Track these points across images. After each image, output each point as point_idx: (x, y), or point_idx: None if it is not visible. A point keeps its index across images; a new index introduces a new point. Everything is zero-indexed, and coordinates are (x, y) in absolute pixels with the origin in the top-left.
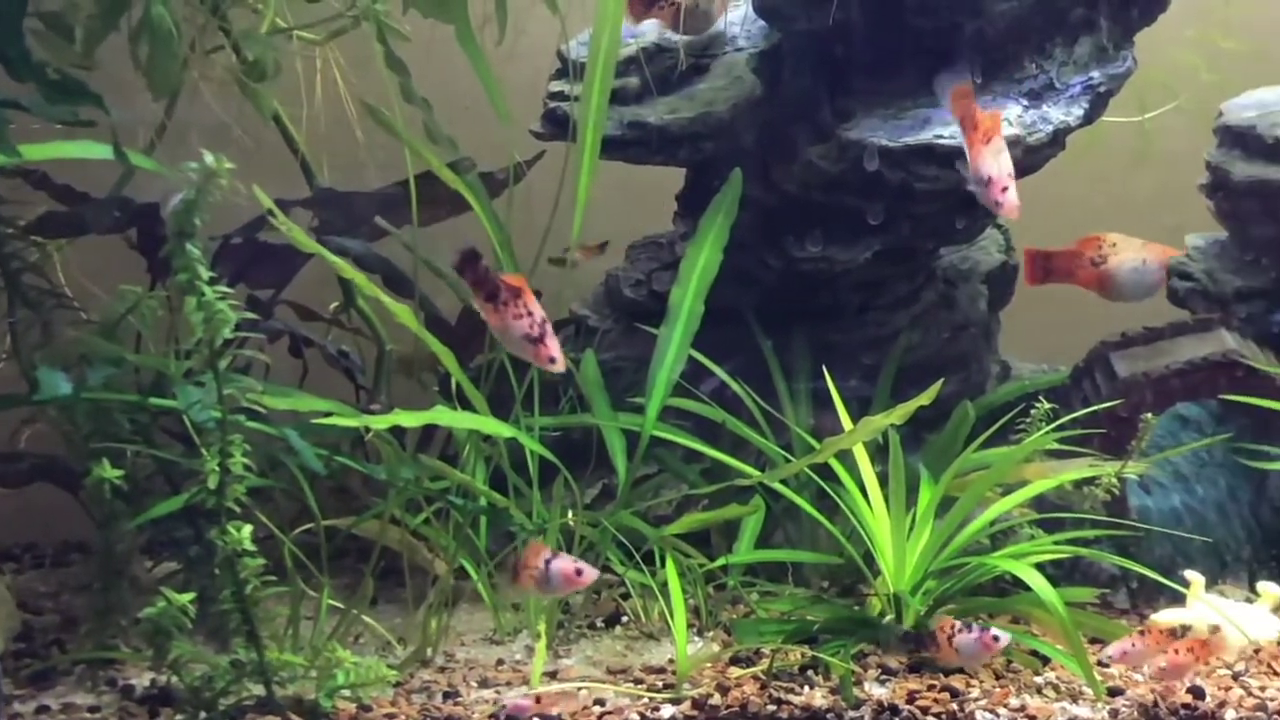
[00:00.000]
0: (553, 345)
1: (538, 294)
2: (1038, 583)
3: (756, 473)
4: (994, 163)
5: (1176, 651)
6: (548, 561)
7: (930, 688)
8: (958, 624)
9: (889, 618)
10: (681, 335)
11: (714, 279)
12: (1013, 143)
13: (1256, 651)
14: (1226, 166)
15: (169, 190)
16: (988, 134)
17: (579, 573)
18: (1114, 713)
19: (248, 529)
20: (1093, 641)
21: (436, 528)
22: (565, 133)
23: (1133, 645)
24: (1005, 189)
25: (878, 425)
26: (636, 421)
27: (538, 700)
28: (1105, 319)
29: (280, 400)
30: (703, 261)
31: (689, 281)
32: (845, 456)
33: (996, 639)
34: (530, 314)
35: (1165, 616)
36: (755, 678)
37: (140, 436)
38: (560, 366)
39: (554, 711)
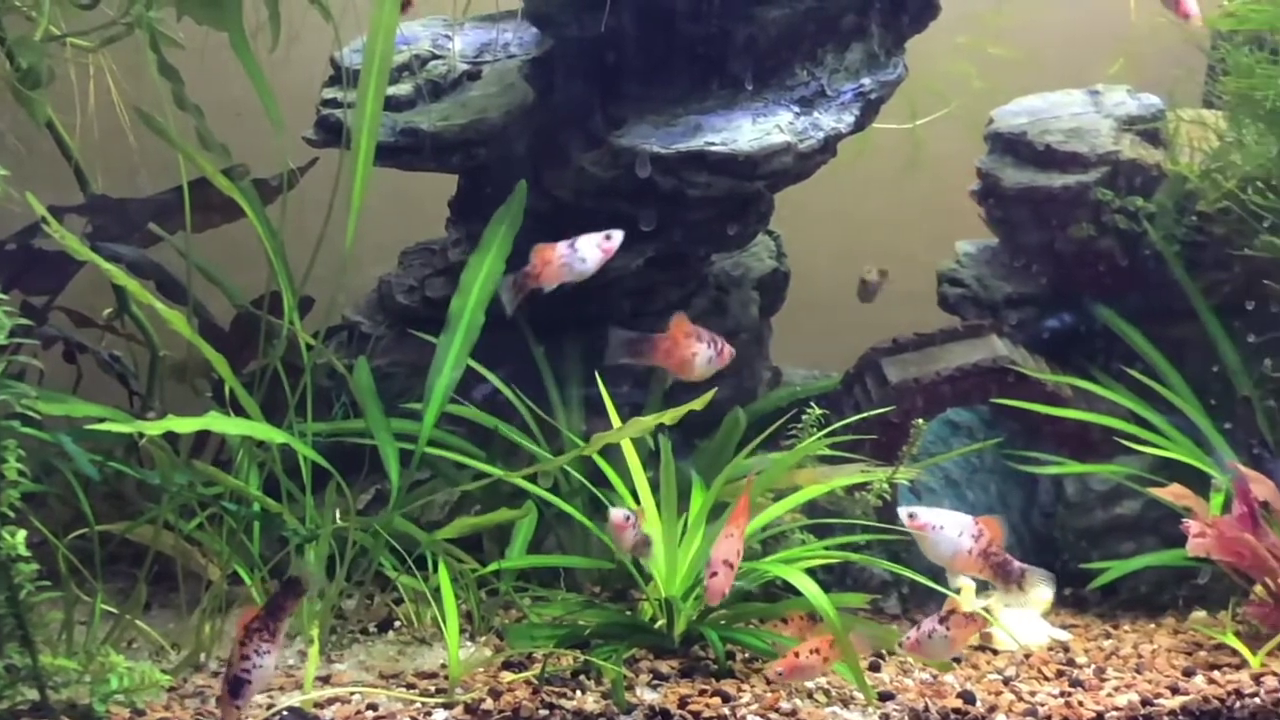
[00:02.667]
0: None
1: (310, 300)
2: (809, 588)
3: (525, 482)
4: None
5: (797, 655)
6: None
7: (702, 692)
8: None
9: (660, 623)
10: (460, 344)
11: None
12: (784, 150)
13: (1027, 656)
14: (997, 173)
15: None
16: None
17: None
18: (884, 717)
19: (21, 534)
20: None
21: (210, 533)
22: (339, 139)
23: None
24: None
25: (646, 424)
26: (412, 428)
27: None
28: (876, 326)
29: (54, 406)
30: (485, 271)
31: (470, 291)
32: (618, 463)
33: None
34: None
35: None
36: (527, 682)
37: None
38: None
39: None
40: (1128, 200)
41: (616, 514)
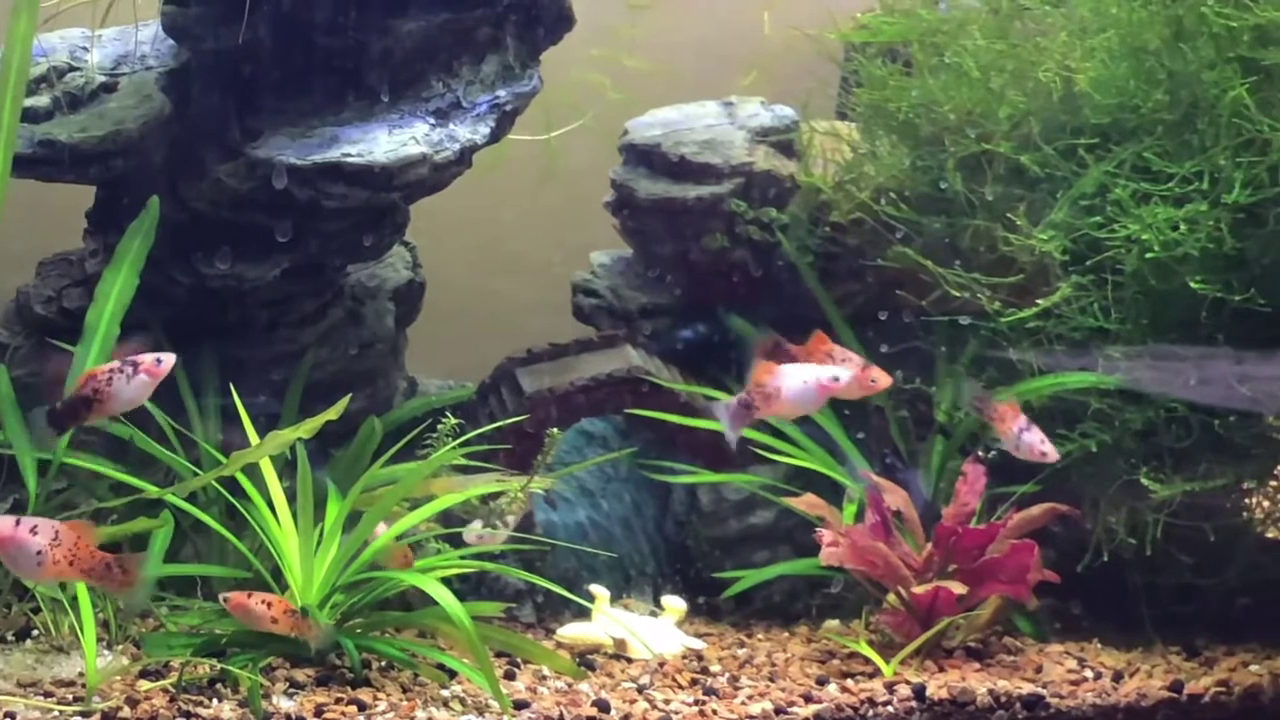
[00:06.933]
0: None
1: None
2: (443, 597)
3: (155, 489)
4: None
5: None
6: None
7: (338, 700)
8: None
9: (298, 634)
10: (97, 355)
11: (130, 301)
12: (419, 161)
13: (662, 665)
14: (632, 184)
15: None
16: None
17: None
18: None
19: None
20: (499, 655)
21: None
22: None
23: None
24: None
25: (284, 439)
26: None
27: None
28: (511, 336)
29: None
30: (119, 285)
31: (105, 304)
32: (254, 472)
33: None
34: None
35: (570, 631)
36: (164, 690)
37: None
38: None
39: None
40: (761, 211)
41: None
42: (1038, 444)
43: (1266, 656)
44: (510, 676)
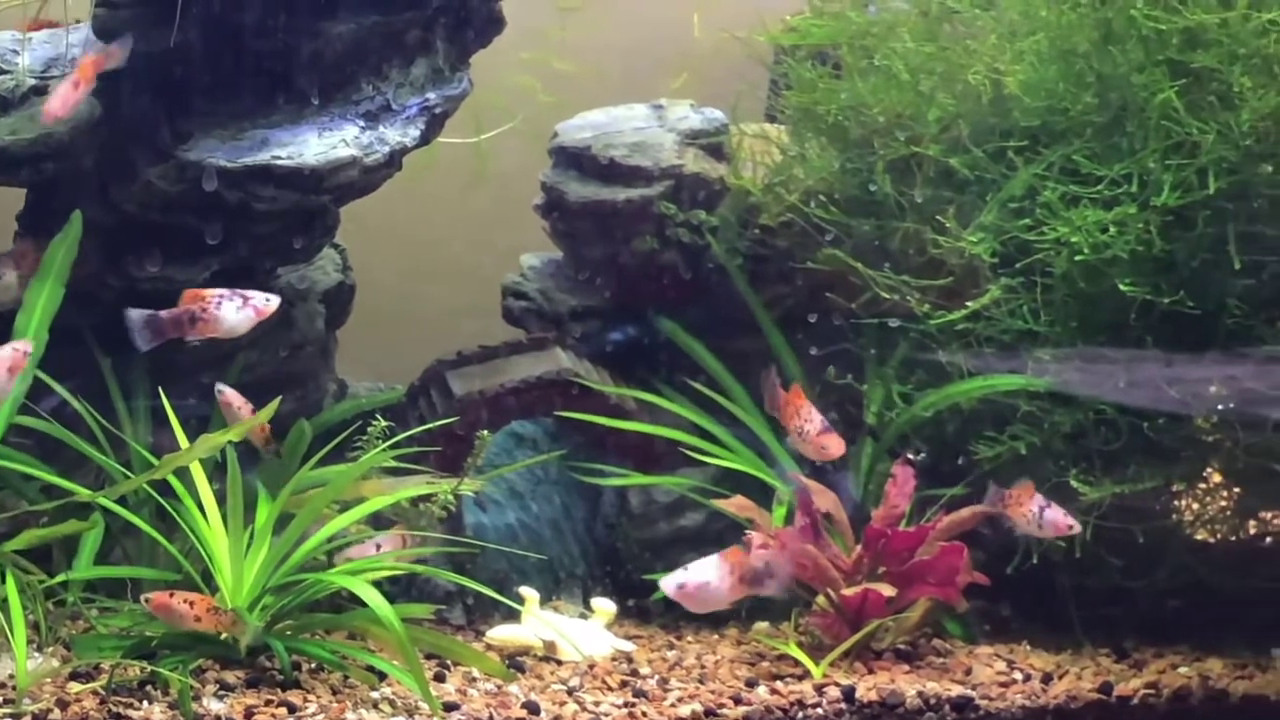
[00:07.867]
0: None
1: None
2: (373, 599)
3: (86, 492)
4: None
5: None
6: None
7: (268, 702)
8: None
9: (226, 634)
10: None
11: (58, 308)
12: (350, 163)
13: (591, 667)
14: (562, 187)
15: None
16: None
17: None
18: None
19: None
20: (429, 657)
21: None
22: None
23: None
24: None
25: (215, 442)
26: None
27: None
28: (441, 339)
29: None
30: (45, 294)
31: (32, 313)
32: (184, 474)
33: None
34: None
35: (500, 633)
36: (95, 693)
37: None
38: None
39: None
40: (691, 214)
41: None
42: (1061, 519)
43: (1195, 658)
44: (440, 678)
